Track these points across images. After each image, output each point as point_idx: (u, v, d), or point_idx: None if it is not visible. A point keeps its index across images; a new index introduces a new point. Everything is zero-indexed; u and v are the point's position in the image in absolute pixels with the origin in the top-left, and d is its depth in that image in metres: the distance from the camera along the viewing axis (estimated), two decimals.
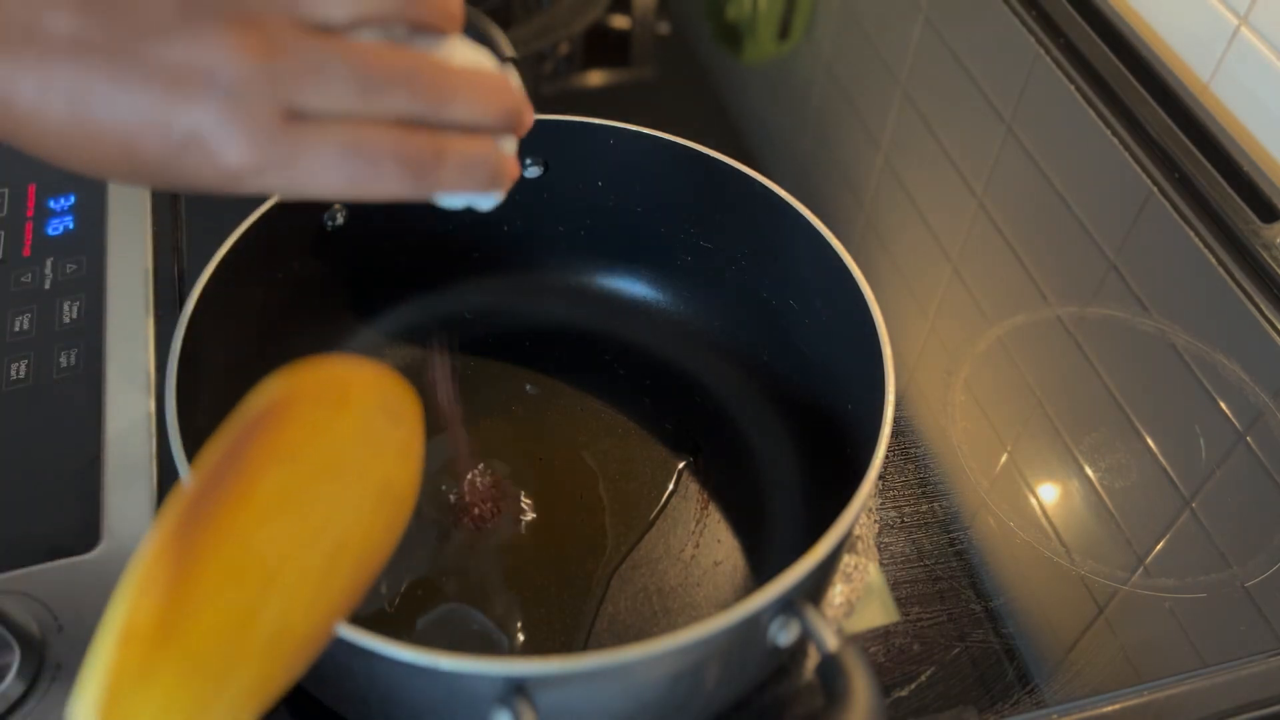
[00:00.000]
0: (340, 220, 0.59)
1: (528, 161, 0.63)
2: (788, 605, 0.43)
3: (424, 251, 0.64)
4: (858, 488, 0.45)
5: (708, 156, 0.60)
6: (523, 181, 0.63)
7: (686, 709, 0.47)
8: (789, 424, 0.61)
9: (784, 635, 0.44)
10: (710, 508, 0.59)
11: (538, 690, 0.40)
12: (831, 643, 0.42)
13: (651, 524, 0.58)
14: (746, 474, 0.60)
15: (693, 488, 0.60)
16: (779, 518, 0.58)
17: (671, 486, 0.60)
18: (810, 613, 0.43)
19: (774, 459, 0.61)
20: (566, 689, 0.41)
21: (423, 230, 0.62)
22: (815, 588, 0.51)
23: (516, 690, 0.39)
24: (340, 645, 0.40)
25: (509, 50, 0.64)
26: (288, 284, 0.59)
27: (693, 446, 0.61)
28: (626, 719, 0.45)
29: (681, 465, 0.61)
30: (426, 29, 0.36)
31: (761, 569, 0.57)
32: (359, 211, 0.60)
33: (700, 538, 0.58)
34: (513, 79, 0.38)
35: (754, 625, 0.43)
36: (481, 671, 0.39)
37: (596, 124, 0.61)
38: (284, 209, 0.55)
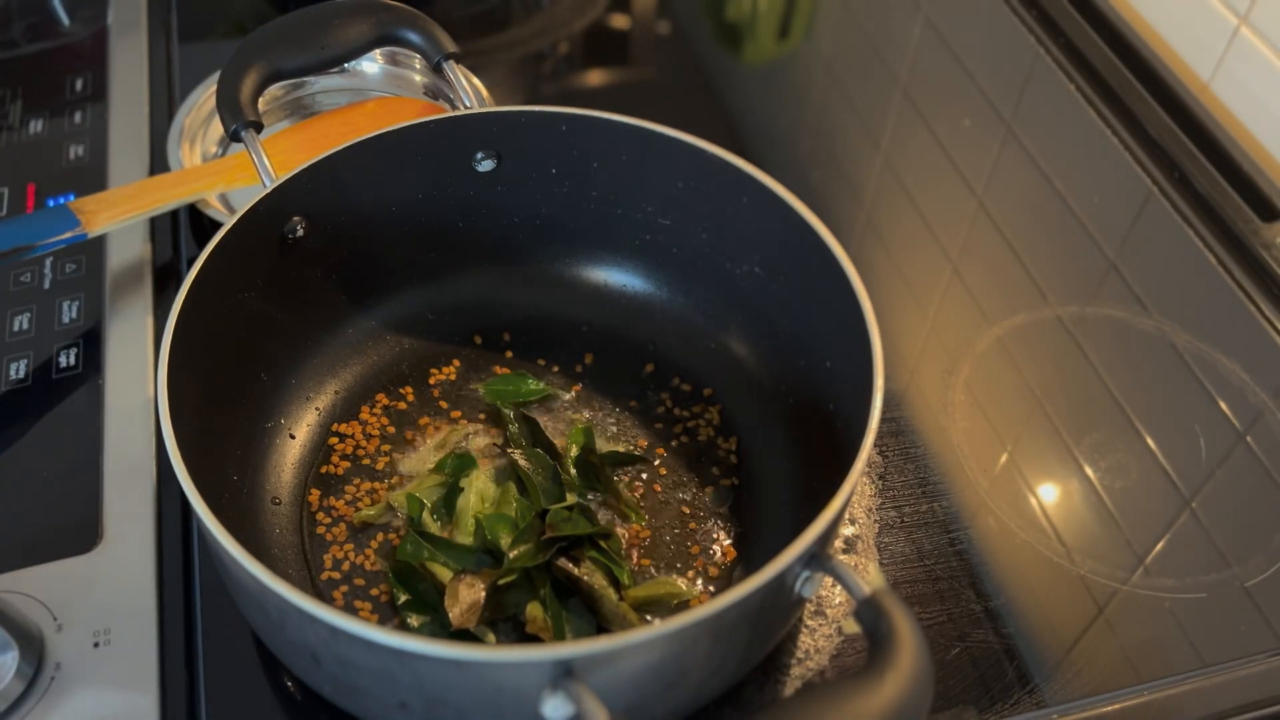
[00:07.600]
0: (300, 233, 0.59)
1: (479, 155, 0.63)
2: (813, 559, 0.44)
3: (378, 257, 0.64)
4: (858, 449, 0.46)
5: (663, 135, 0.59)
6: (477, 176, 0.63)
7: (721, 671, 0.48)
8: (778, 410, 0.61)
9: (809, 587, 0.45)
10: (697, 496, 0.59)
11: (586, 670, 0.40)
12: (865, 586, 0.42)
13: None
14: (736, 463, 0.60)
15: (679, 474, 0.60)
16: (767, 506, 0.58)
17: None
18: (838, 562, 0.44)
19: (763, 446, 0.61)
20: (613, 666, 0.41)
21: (374, 236, 0.63)
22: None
23: (566, 673, 0.40)
24: (387, 652, 0.40)
25: (450, 47, 0.64)
26: (268, 287, 0.58)
27: (680, 435, 0.62)
28: (668, 687, 0.45)
29: (663, 454, 0.61)
30: None
31: (751, 555, 0.57)
32: (316, 225, 0.60)
33: (687, 522, 0.58)
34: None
35: (784, 581, 0.44)
36: (535, 659, 0.40)
37: (546, 111, 0.61)
38: (253, 219, 0.56)
